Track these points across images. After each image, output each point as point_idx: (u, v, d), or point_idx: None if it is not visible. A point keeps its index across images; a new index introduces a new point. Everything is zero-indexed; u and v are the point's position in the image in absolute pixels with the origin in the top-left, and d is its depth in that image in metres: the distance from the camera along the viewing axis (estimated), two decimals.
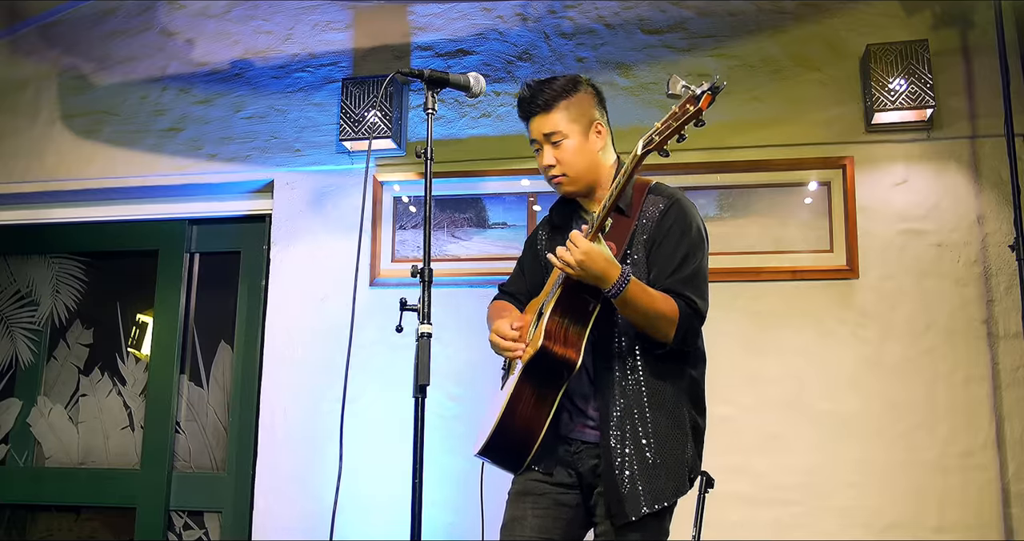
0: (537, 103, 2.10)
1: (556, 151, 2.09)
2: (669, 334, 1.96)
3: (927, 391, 2.92)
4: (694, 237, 2.05)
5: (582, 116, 2.10)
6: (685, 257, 2.02)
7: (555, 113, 2.09)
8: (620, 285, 1.89)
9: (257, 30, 3.64)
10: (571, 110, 2.10)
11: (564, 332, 1.97)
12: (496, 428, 2.02)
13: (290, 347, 3.38)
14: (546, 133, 2.09)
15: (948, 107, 3.05)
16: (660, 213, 2.06)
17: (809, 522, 2.89)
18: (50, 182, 3.72)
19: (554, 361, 1.96)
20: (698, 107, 1.75)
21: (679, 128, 1.79)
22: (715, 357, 2.19)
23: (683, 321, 1.96)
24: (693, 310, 1.98)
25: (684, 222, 2.06)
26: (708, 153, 3.17)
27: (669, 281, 1.99)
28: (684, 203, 2.09)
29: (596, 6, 3.38)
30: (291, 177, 3.52)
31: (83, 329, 3.82)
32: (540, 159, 2.13)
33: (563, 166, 2.09)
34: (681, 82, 1.77)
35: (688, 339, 2.00)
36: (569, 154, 2.09)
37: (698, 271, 2.03)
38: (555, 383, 2.00)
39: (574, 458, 2.06)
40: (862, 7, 3.18)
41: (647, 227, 2.06)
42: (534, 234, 2.35)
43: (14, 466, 3.71)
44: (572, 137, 2.09)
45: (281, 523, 3.24)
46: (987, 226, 2.98)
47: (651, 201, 2.09)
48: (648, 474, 1.95)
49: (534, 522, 2.05)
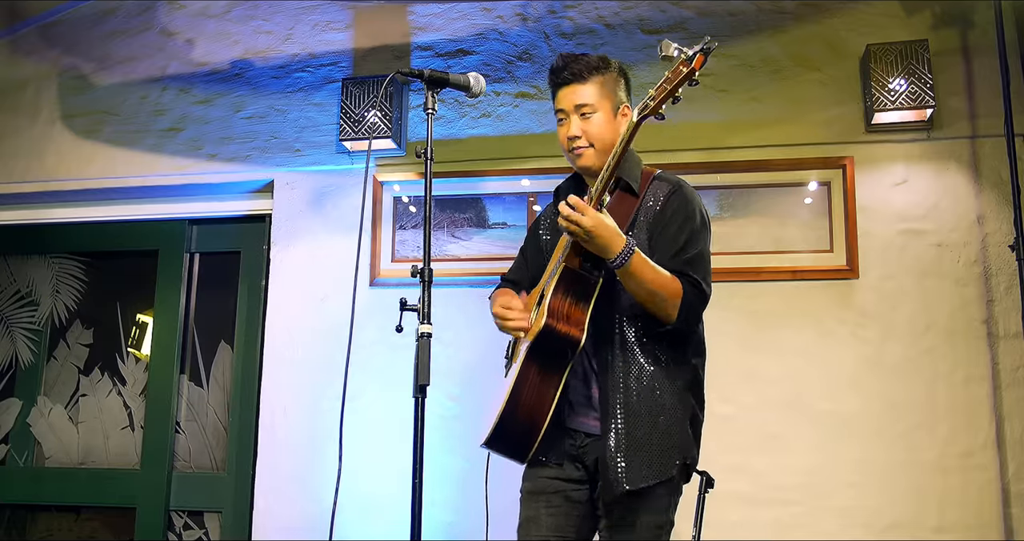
0: (572, 71, 2.11)
1: (584, 123, 2.10)
2: (672, 312, 1.97)
3: (927, 391, 2.91)
4: (697, 222, 2.07)
5: (613, 94, 2.13)
6: (688, 240, 2.04)
7: (588, 85, 2.10)
8: (625, 255, 1.90)
9: (257, 30, 3.64)
10: (603, 87, 2.12)
11: (567, 310, 1.97)
12: (502, 413, 2.02)
13: (290, 347, 3.38)
14: (577, 104, 2.10)
15: (948, 107, 3.05)
16: (664, 197, 2.09)
17: (809, 522, 2.89)
18: (50, 182, 3.72)
19: (559, 339, 1.96)
20: (691, 67, 1.77)
21: (673, 90, 1.81)
22: (715, 357, 2.19)
23: (686, 299, 1.97)
24: (697, 289, 1.99)
25: (688, 207, 2.08)
26: (708, 153, 3.17)
27: (672, 262, 2.01)
28: (688, 189, 2.12)
29: (596, 6, 3.38)
30: (291, 177, 3.52)
31: (83, 329, 3.82)
32: (565, 129, 2.13)
33: (589, 137, 2.10)
34: (673, 45, 1.80)
35: (690, 319, 2.01)
36: (596, 127, 2.10)
37: (701, 254, 2.05)
38: (560, 363, 2.00)
39: (580, 452, 2.07)
40: (862, 7, 3.18)
41: (651, 210, 2.08)
42: (536, 222, 2.36)
43: (14, 466, 3.71)
44: (601, 113, 2.10)
45: (281, 523, 3.24)
46: (987, 226, 2.98)
47: (656, 186, 2.12)
48: (642, 453, 1.96)
49: (548, 521, 2.06)
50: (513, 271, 2.39)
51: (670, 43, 1.80)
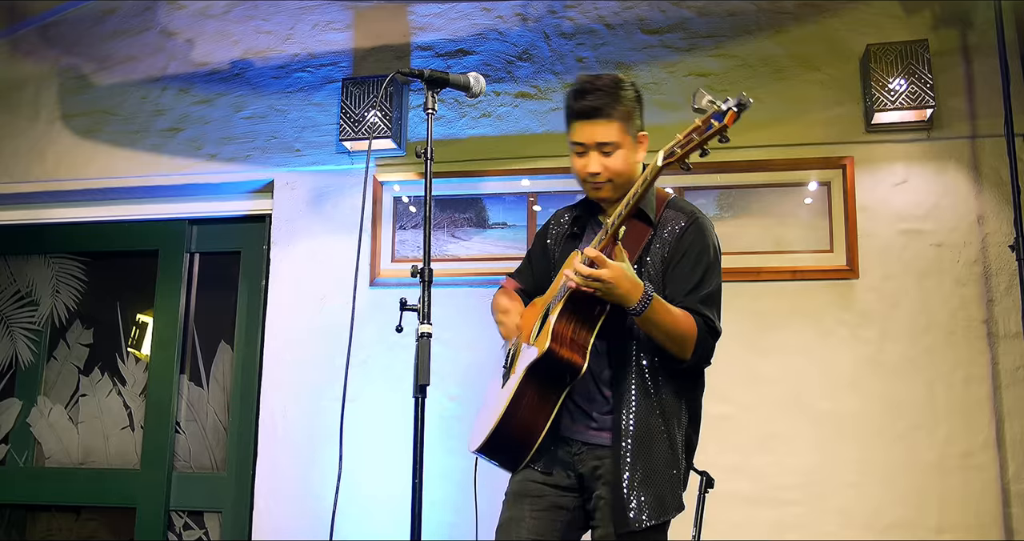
0: (596, 105, 2.02)
1: (605, 160, 2.04)
2: (687, 352, 1.96)
3: (927, 391, 2.91)
4: (712, 257, 2.06)
5: (632, 126, 2.06)
6: (703, 277, 2.02)
7: (613, 123, 2.02)
8: (643, 304, 1.88)
9: (257, 30, 3.64)
10: (626, 120, 2.04)
11: (571, 335, 1.96)
12: (496, 428, 2.02)
13: (290, 347, 3.38)
14: (600, 142, 2.03)
15: (948, 107, 3.05)
16: (680, 231, 2.06)
17: (809, 522, 2.89)
18: (50, 182, 3.72)
19: (560, 364, 1.95)
20: (722, 124, 1.73)
21: (702, 143, 1.78)
22: (715, 357, 2.18)
23: (700, 339, 1.97)
24: (710, 328, 1.99)
25: (703, 242, 2.06)
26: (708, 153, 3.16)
27: (687, 300, 1.99)
28: (703, 222, 2.09)
29: (596, 6, 3.38)
30: (291, 177, 3.52)
31: (83, 329, 3.82)
32: (583, 163, 2.06)
33: (609, 173, 2.05)
34: (707, 97, 1.74)
35: (704, 356, 2.00)
36: (618, 164, 2.04)
37: (715, 292, 2.04)
38: (558, 386, 1.99)
39: (574, 459, 2.06)
40: (862, 7, 3.18)
41: (666, 242, 2.06)
42: (545, 227, 2.33)
43: (14, 466, 3.71)
44: (624, 147, 2.05)
45: (281, 523, 3.24)
46: (987, 226, 2.98)
47: (670, 216, 2.08)
48: (654, 486, 1.94)
49: (531, 524, 2.04)
50: (518, 274, 2.38)
51: (704, 94, 1.74)
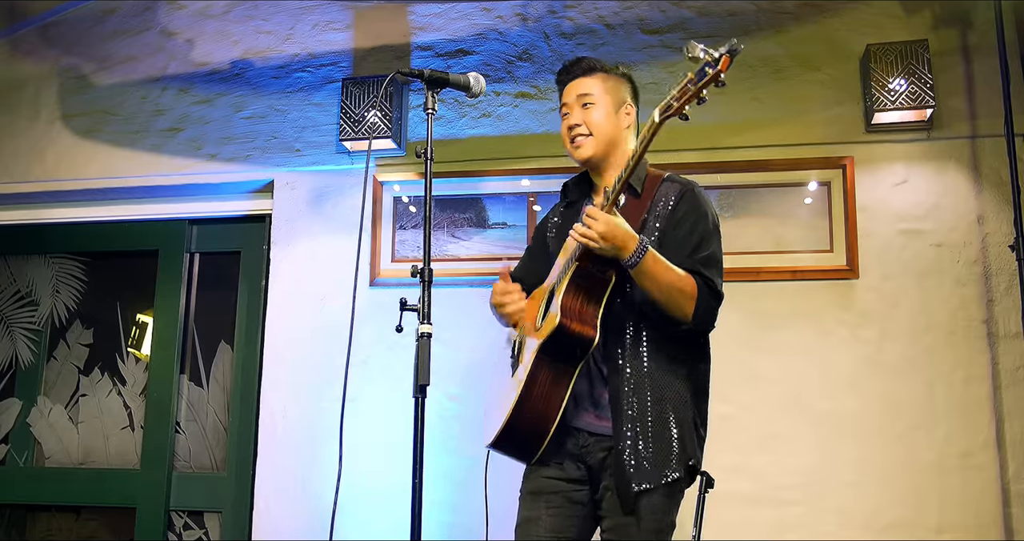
0: (580, 66, 2.21)
1: (584, 112, 2.16)
2: (688, 310, 1.97)
3: (927, 391, 2.91)
4: (709, 223, 2.08)
5: (616, 92, 2.19)
6: (701, 240, 2.05)
7: (593, 78, 2.19)
8: (639, 254, 1.91)
9: (257, 30, 3.64)
10: (607, 83, 2.19)
11: (579, 308, 1.97)
12: (512, 414, 2.01)
13: (290, 347, 3.38)
14: (580, 94, 2.17)
15: (948, 107, 3.05)
16: (675, 200, 2.09)
17: (809, 522, 2.89)
18: (50, 182, 3.72)
19: (571, 338, 1.95)
20: (717, 69, 1.77)
21: (698, 91, 1.80)
22: (715, 357, 2.19)
23: (701, 297, 1.98)
24: (711, 289, 2.00)
25: (699, 209, 2.09)
26: (708, 153, 3.17)
27: (686, 262, 2.01)
28: (699, 191, 2.13)
29: (596, 6, 3.38)
30: (291, 177, 3.52)
31: (83, 329, 3.82)
32: (567, 122, 2.19)
33: (589, 126, 2.15)
34: (699, 46, 1.79)
35: (707, 317, 2.01)
36: (596, 118, 2.16)
37: (713, 254, 2.06)
38: (571, 363, 2.00)
39: (583, 451, 2.06)
40: (862, 7, 3.17)
41: (660, 214, 2.08)
42: (543, 222, 2.37)
43: (14, 466, 3.71)
44: (602, 106, 2.16)
45: (281, 523, 3.24)
46: (987, 226, 2.98)
47: (667, 187, 2.13)
48: (652, 454, 1.96)
49: (548, 522, 2.05)
50: (518, 269, 2.40)
51: (696, 44, 1.80)
